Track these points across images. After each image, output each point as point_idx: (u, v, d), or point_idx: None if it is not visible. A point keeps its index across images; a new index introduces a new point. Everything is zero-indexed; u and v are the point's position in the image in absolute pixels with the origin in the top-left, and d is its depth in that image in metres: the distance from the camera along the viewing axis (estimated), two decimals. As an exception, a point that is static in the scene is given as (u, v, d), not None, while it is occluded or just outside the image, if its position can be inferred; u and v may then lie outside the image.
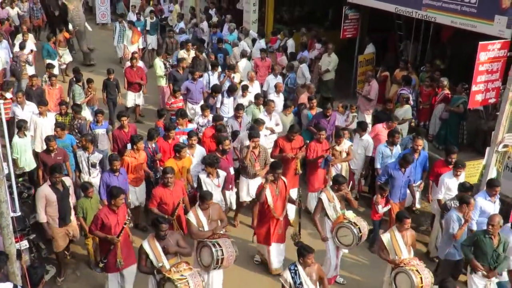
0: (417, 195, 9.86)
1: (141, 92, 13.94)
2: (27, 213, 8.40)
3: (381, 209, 8.83)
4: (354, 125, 11.34)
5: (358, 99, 13.11)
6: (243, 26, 18.32)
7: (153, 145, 9.54)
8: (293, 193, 8.83)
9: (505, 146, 8.91)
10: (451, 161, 8.91)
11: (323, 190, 8.17)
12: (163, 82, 14.17)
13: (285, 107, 11.52)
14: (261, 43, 16.01)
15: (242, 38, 16.70)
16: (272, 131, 10.94)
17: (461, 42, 13.60)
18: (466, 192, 7.97)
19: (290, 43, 16.06)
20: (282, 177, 8.31)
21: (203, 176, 8.67)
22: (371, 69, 14.07)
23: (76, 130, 10.67)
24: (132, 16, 20.46)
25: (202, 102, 12.36)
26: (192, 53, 14.77)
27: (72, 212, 8.20)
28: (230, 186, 9.27)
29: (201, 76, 13.12)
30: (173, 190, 8.06)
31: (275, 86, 12.60)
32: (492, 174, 8.98)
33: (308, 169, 10.04)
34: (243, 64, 14.44)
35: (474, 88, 9.30)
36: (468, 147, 11.68)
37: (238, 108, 10.84)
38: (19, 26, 19.58)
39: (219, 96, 12.22)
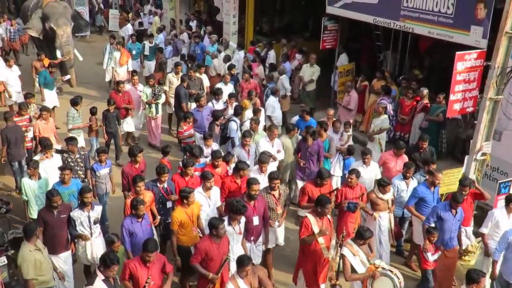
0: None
1: (129, 117, 12.86)
2: (5, 229, 8.24)
3: (431, 256, 7.72)
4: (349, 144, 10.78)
5: (338, 110, 13.19)
6: (223, 38, 18.35)
7: (165, 185, 8.40)
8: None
9: (484, 154, 9.00)
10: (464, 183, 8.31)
11: (344, 244, 7.11)
12: (147, 111, 12.93)
13: (288, 130, 10.58)
14: (240, 55, 16.05)
15: (222, 49, 16.72)
16: (275, 159, 10.03)
17: (439, 52, 13.80)
18: None
19: (272, 55, 16.12)
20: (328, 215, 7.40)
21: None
22: (350, 79, 14.17)
23: (81, 165, 9.65)
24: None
25: None
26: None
27: None
28: (253, 238, 7.85)
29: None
30: (220, 244, 6.87)
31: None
32: (471, 182, 9.05)
33: (338, 217, 8.72)
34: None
35: (452, 97, 9.40)
36: (447, 155, 11.83)
37: (245, 135, 9.88)
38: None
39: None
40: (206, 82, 14.02)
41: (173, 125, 14.21)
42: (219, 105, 12.05)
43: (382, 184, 8.37)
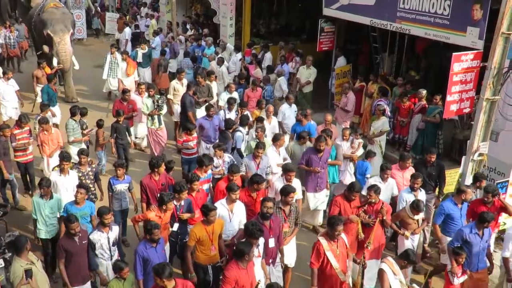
0: None
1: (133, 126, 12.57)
2: (2, 231, 8.21)
3: (457, 279, 7.28)
4: (359, 152, 10.53)
5: (336, 111, 13.20)
6: (220, 40, 18.36)
7: (182, 203, 7.97)
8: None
9: (481, 154, 9.01)
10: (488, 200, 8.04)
11: (384, 260, 6.78)
12: (149, 123, 12.23)
13: (300, 137, 10.14)
14: (238, 57, 16.07)
15: (220, 52, 16.72)
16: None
17: (435, 53, 13.84)
18: None
19: (268, 56, 16.14)
20: (342, 235, 7.04)
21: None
22: (347, 81, 14.20)
23: (92, 178, 9.26)
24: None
25: (217, 141, 10.83)
26: (185, 82, 13.51)
27: None
28: (271, 261, 7.43)
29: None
30: (248, 269, 6.47)
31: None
32: (469, 182, 9.07)
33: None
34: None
35: (449, 98, 9.42)
36: (444, 156, 11.85)
37: (259, 146, 9.32)
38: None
39: None
40: (215, 89, 13.70)
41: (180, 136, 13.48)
42: (231, 115, 11.56)
43: (416, 208, 7.91)
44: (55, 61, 15.50)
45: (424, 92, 11.97)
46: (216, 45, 17.64)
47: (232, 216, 7.76)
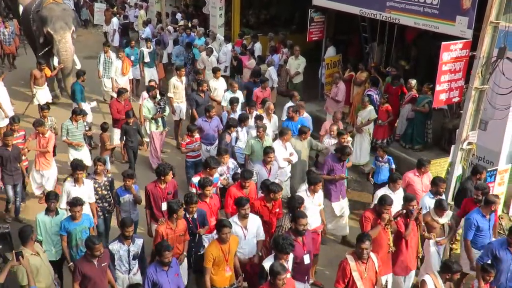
0: None
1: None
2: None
3: None
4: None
5: (326, 101, 13.23)
6: (210, 30, 18.30)
7: (195, 215, 7.43)
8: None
9: (470, 143, 9.06)
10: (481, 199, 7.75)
11: (429, 272, 6.53)
12: (153, 127, 11.67)
13: (301, 132, 9.91)
14: (228, 47, 16.03)
15: (210, 42, 16.68)
16: (290, 162, 9.63)
17: (425, 43, 13.87)
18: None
19: (258, 46, 16.12)
20: (372, 255, 6.54)
21: (268, 265, 6.18)
22: (337, 71, 14.20)
23: (108, 188, 8.62)
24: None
25: (216, 142, 10.71)
26: (184, 79, 13.21)
27: None
28: (306, 277, 7.00)
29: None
30: None
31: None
32: (458, 171, 9.15)
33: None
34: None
35: (438, 87, 9.44)
36: (434, 145, 11.93)
37: (269, 151, 8.88)
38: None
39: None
40: (223, 86, 13.21)
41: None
42: (235, 116, 11.02)
43: (441, 207, 7.55)
44: (55, 60, 14.79)
45: (413, 82, 12.01)
46: (205, 36, 17.57)
47: (247, 233, 7.22)
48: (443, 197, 8.18)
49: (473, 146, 9.14)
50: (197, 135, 10.31)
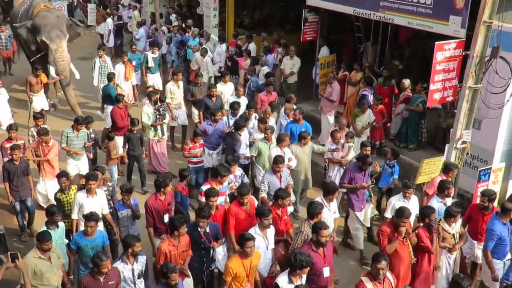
0: None
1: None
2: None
3: None
4: (350, 157, 9.94)
5: (321, 101, 13.24)
6: (204, 31, 18.29)
7: (207, 229, 7.12)
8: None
9: (464, 142, 9.10)
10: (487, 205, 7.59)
11: None
12: (151, 134, 11.35)
13: (301, 137, 9.70)
14: (222, 48, 16.02)
15: (204, 42, 16.67)
16: (289, 168, 9.37)
17: (418, 42, 13.90)
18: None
19: (252, 47, 16.12)
20: (388, 275, 6.29)
21: (282, 281, 6.09)
22: (332, 71, 14.22)
23: (109, 198, 8.52)
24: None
25: (220, 147, 10.63)
26: (181, 84, 12.96)
27: None
28: None
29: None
30: None
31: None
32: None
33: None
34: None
35: (432, 87, 9.48)
36: (428, 144, 11.96)
37: (279, 160, 8.60)
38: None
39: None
40: (230, 90, 12.87)
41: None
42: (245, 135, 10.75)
43: (452, 213, 7.28)
44: (52, 71, 14.12)
45: (407, 82, 12.04)
46: (200, 36, 17.57)
47: (268, 243, 7.12)
48: (451, 200, 7.97)
49: (467, 145, 9.17)
50: (201, 141, 10.13)
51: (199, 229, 7.05)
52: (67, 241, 7.65)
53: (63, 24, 14.11)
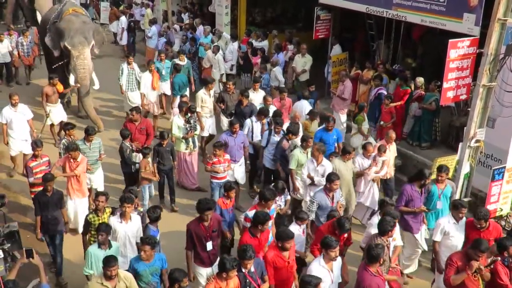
0: None
1: None
2: (1, 222, 8.18)
3: None
4: (382, 172, 9.51)
5: (333, 99, 13.20)
6: (216, 29, 18.31)
7: (252, 269, 6.39)
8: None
9: (477, 141, 9.04)
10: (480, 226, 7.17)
11: None
12: (182, 147, 10.73)
13: (345, 152, 8.97)
14: (234, 46, 16.02)
15: (215, 40, 16.69)
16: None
17: (431, 40, 13.82)
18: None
19: (264, 44, 16.10)
20: None
21: None
22: (344, 68, 14.18)
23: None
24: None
25: (242, 160, 10.16)
26: (212, 93, 12.23)
27: None
28: None
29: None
30: None
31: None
32: (466, 169, 9.12)
33: None
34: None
35: (445, 85, 9.43)
36: (441, 143, 11.89)
37: (333, 179, 7.93)
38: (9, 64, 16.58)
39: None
40: (260, 99, 11.93)
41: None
42: (257, 126, 10.52)
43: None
44: (71, 79, 13.17)
45: (420, 80, 11.96)
46: (212, 34, 17.59)
47: (333, 276, 6.59)
48: (464, 220, 7.49)
49: (481, 143, 9.10)
50: (226, 156, 9.59)
51: (243, 270, 6.33)
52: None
53: (89, 30, 13.36)
